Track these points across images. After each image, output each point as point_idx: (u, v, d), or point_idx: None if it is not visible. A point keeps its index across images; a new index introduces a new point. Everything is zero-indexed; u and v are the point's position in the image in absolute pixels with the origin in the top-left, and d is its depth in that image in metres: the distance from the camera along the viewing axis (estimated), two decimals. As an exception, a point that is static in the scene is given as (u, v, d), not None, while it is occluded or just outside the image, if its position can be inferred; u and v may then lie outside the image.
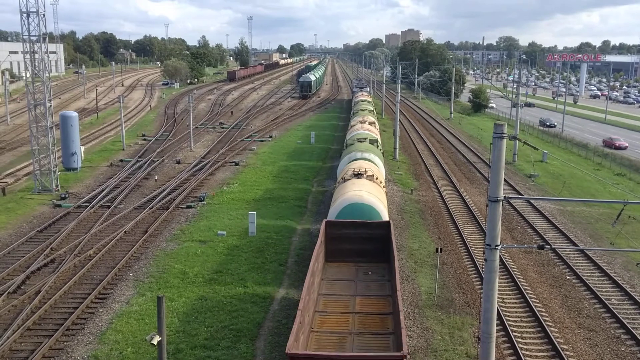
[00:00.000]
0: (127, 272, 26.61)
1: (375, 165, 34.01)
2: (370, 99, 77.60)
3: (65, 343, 20.29)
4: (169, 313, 22.16)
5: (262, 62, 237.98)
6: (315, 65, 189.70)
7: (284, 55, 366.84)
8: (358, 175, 29.25)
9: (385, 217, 25.45)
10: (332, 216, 25.40)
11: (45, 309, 22.41)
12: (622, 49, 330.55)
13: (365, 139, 41.25)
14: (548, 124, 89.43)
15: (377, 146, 41.35)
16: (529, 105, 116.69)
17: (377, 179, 29.85)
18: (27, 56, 39.61)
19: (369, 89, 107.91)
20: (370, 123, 49.68)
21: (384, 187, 31.02)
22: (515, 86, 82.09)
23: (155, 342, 13.23)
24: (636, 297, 25.15)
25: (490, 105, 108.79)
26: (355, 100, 74.95)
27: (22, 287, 24.57)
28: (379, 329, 17.05)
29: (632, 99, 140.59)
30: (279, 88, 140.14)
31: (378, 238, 23.26)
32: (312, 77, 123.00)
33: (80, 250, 28.75)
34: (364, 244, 23.25)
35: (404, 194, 42.15)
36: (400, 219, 35.38)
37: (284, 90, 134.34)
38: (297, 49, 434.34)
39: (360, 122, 49.56)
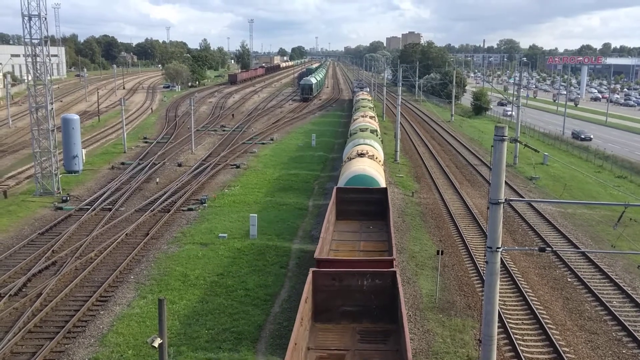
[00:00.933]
0: (128, 274, 26.62)
1: (375, 148, 39.48)
2: (369, 98, 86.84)
3: (66, 346, 20.31)
4: (170, 315, 22.16)
5: (263, 65, 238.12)
6: (316, 68, 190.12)
7: (285, 58, 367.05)
8: (361, 155, 35.27)
9: (383, 185, 30.84)
10: (341, 184, 30.83)
11: (47, 312, 22.44)
12: (623, 51, 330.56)
13: (366, 129, 47.53)
14: (583, 136, 77.08)
15: (377, 134, 47.52)
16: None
17: (376, 158, 36.40)
18: (29, 59, 39.69)
19: (368, 89, 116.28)
20: (371, 117, 56.68)
21: (382, 164, 37.52)
22: (516, 89, 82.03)
23: (156, 344, 13.22)
24: (638, 300, 25.12)
25: (509, 112, 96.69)
26: (356, 99, 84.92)
27: (24, 290, 24.60)
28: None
29: (633, 101, 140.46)
30: (280, 91, 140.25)
31: (377, 201, 28.66)
32: (313, 80, 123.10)
33: (82, 252, 28.79)
34: (367, 205, 28.46)
35: (405, 196, 42.14)
36: (401, 222, 35.36)
37: (285, 93, 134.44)
38: (298, 52, 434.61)
39: (362, 116, 56.04)
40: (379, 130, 51.48)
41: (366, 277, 18.46)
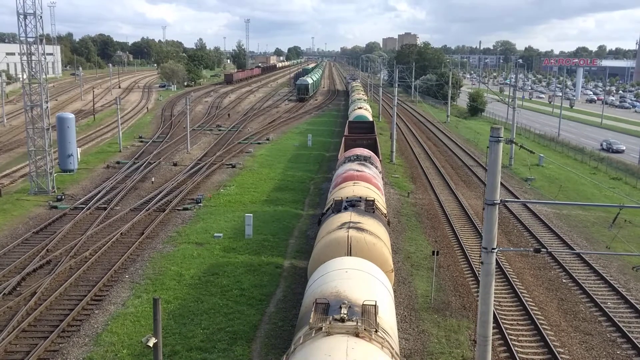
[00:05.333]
0: (123, 273, 26.56)
1: (366, 105, 74.02)
2: (360, 85, 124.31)
3: (60, 345, 20.24)
4: (165, 315, 22.12)
5: (260, 64, 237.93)
6: (313, 69, 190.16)
7: (281, 58, 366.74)
8: (359, 108, 68.72)
9: (371, 119, 63.32)
10: (350, 119, 62.58)
11: (41, 311, 22.36)
12: (618, 53, 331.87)
13: (360, 98, 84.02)
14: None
15: (367, 102, 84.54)
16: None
17: (367, 109, 69.79)
18: (24, 58, 39.56)
19: (359, 79, 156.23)
20: (363, 93, 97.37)
21: (371, 113, 69.55)
22: (511, 90, 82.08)
23: (151, 344, 13.18)
24: (632, 301, 25.21)
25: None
26: (351, 85, 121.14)
27: (18, 289, 24.51)
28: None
29: (628, 103, 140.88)
30: (276, 91, 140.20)
31: (368, 126, 57.98)
32: (309, 80, 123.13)
33: (76, 251, 28.69)
34: (363, 130, 55.66)
35: (401, 197, 42.18)
36: (397, 222, 35.38)
37: (281, 93, 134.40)
38: (294, 52, 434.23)
39: (357, 93, 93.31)
40: (366, 98, 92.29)
41: (365, 139, 47.14)
